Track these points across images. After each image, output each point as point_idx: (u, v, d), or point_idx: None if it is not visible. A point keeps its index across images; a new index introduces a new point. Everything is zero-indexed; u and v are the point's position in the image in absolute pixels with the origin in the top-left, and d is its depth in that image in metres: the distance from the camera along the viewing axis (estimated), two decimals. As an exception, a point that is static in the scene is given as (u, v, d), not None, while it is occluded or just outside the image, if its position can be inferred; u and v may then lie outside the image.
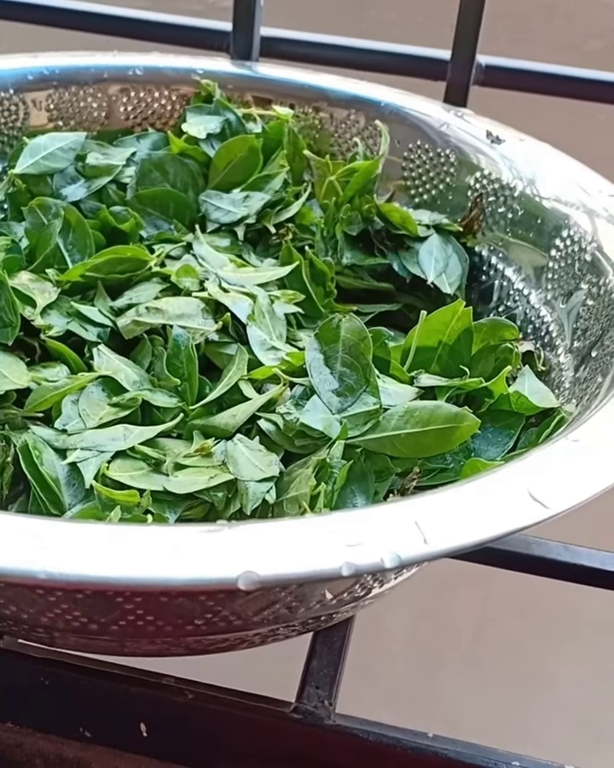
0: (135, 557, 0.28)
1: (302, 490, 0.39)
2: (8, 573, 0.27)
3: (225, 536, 0.30)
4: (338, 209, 0.58)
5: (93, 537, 0.29)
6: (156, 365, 0.48)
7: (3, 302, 0.47)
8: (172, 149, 0.61)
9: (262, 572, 0.28)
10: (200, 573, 0.28)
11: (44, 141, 0.59)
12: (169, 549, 0.29)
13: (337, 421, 0.42)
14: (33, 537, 0.28)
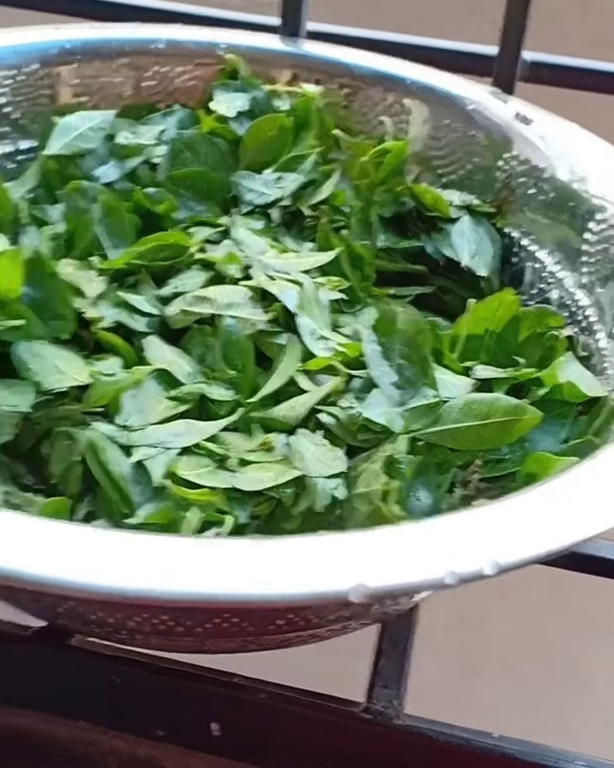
0: (246, 574, 0.28)
1: (372, 486, 0.40)
2: (146, 596, 0.27)
3: (330, 547, 0.30)
4: (371, 191, 0.58)
5: (200, 554, 0.29)
6: (207, 356, 0.48)
7: (56, 295, 0.46)
8: (202, 128, 0.59)
9: (372, 584, 0.28)
10: (310, 587, 0.28)
11: (74, 120, 0.57)
12: (278, 563, 0.29)
13: (398, 415, 0.42)
14: (164, 557, 0.28)
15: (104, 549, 0.28)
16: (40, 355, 0.45)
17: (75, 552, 0.28)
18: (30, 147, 0.61)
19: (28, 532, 0.29)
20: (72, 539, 0.29)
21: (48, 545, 0.28)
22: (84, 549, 0.28)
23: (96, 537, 0.30)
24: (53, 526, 0.30)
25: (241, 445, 0.44)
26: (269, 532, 0.42)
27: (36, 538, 0.29)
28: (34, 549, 0.28)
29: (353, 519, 0.40)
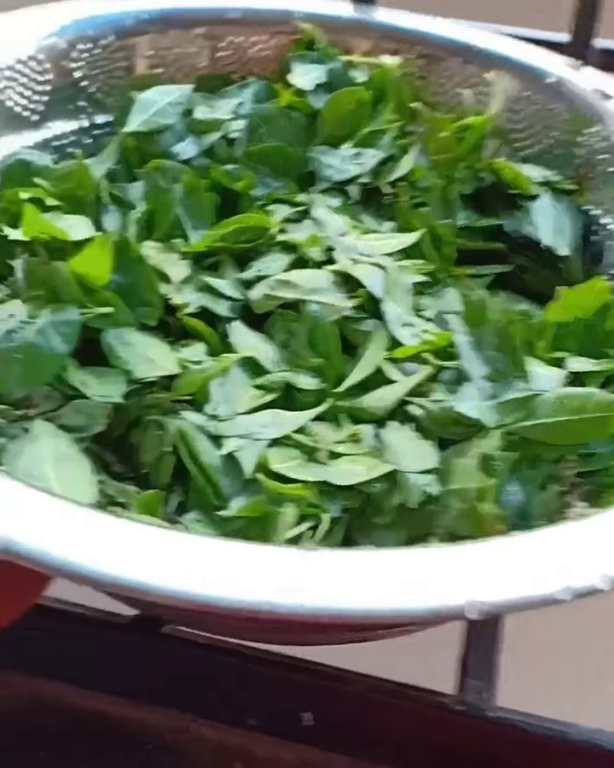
0: (367, 589, 0.28)
1: (467, 483, 0.39)
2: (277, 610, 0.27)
3: (442, 560, 0.30)
4: (451, 167, 0.57)
5: (317, 566, 0.29)
6: (291, 342, 0.48)
7: (143, 281, 0.46)
8: (280, 102, 0.58)
9: (487, 600, 0.28)
10: (426, 603, 0.28)
11: (153, 95, 0.56)
12: (395, 576, 0.29)
13: (491, 409, 0.42)
14: (294, 570, 0.28)
15: (240, 562, 0.28)
16: (129, 343, 0.45)
17: (218, 567, 0.28)
18: (105, 121, 0.60)
19: (162, 543, 0.30)
20: (209, 553, 0.29)
21: (183, 559, 0.28)
22: (225, 564, 0.28)
23: (232, 550, 0.30)
24: (187, 539, 0.30)
25: (329, 436, 0.44)
26: (361, 526, 0.42)
27: (171, 550, 0.29)
28: (174, 564, 0.28)
29: (446, 516, 0.40)
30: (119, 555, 0.30)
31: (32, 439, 0.41)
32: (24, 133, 0.56)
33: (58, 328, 0.43)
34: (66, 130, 0.59)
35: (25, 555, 0.31)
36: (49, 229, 0.44)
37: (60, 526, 0.32)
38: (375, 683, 0.40)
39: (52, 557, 0.31)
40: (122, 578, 0.30)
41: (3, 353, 0.42)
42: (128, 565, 0.30)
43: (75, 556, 0.31)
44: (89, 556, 0.31)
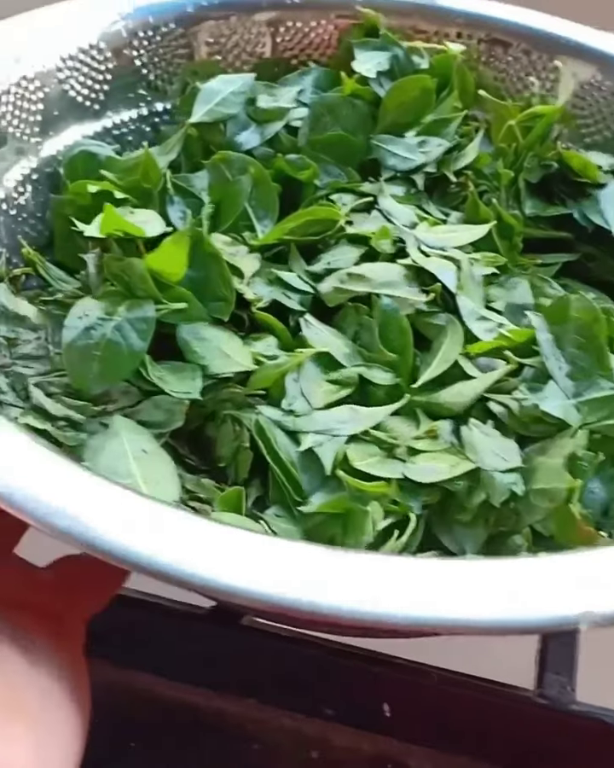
0: (482, 599, 0.28)
1: (552, 483, 0.39)
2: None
3: (551, 569, 0.29)
4: (518, 156, 0.56)
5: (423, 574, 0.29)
6: (363, 335, 0.47)
7: (217, 276, 0.46)
8: (344, 90, 0.57)
9: (600, 610, 0.28)
10: (541, 614, 0.28)
11: (216, 85, 0.56)
12: (504, 589, 0.29)
13: (574, 407, 0.41)
14: (411, 580, 0.28)
15: (359, 570, 0.28)
16: (203, 338, 0.45)
17: (331, 575, 0.28)
18: (164, 109, 0.60)
19: (262, 549, 0.29)
20: (327, 562, 0.29)
21: (303, 568, 0.28)
22: (345, 573, 0.28)
23: (348, 559, 0.29)
24: (302, 549, 0.30)
25: (406, 432, 0.43)
26: (441, 522, 0.41)
27: (293, 560, 0.29)
28: (299, 575, 0.28)
29: (532, 515, 0.39)
30: (220, 559, 0.30)
31: (112, 434, 0.41)
32: (85, 122, 0.56)
33: (135, 325, 0.43)
34: (125, 119, 0.58)
35: (111, 553, 0.30)
36: (125, 227, 0.44)
37: (149, 525, 0.31)
38: (453, 676, 0.40)
39: (140, 556, 0.30)
40: (220, 582, 0.30)
41: (82, 351, 0.42)
42: (230, 569, 0.30)
43: (165, 557, 0.30)
44: (186, 559, 0.30)
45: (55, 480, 0.31)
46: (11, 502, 0.30)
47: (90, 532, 0.29)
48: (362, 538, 0.39)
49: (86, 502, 0.31)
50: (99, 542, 0.29)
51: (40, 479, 0.31)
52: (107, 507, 0.32)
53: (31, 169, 0.52)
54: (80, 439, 0.41)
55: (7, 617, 0.32)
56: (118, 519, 0.31)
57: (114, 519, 0.31)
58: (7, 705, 0.30)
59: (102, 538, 0.30)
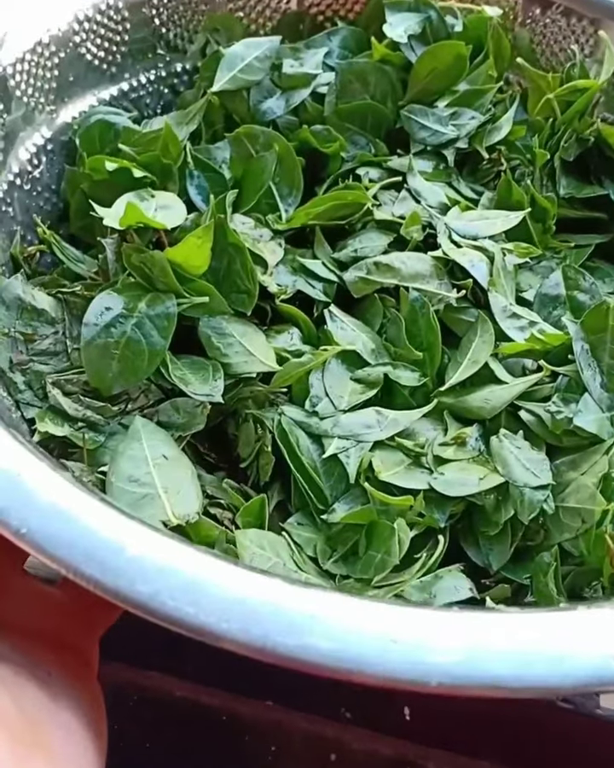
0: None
1: (584, 503, 0.38)
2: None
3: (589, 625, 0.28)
4: (555, 132, 0.53)
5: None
6: (389, 329, 0.45)
7: (240, 268, 0.43)
8: (374, 56, 0.54)
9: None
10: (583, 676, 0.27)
11: (240, 50, 0.52)
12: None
13: (608, 421, 0.40)
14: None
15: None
16: (225, 333, 0.43)
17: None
18: (184, 69, 0.56)
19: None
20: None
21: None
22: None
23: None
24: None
25: (431, 435, 0.42)
26: (469, 535, 0.41)
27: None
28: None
29: (561, 533, 0.39)
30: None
31: (132, 437, 0.39)
32: (101, 87, 0.53)
33: (155, 322, 0.41)
34: (143, 81, 0.55)
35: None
36: (146, 221, 0.41)
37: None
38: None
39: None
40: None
41: (101, 349, 0.40)
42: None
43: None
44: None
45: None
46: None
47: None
48: (386, 550, 0.38)
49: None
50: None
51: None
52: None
53: (45, 139, 0.49)
54: (99, 441, 0.40)
55: (23, 648, 0.32)
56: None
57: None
58: (27, 740, 0.29)
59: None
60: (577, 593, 0.38)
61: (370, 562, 0.38)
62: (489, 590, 0.39)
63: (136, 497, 0.37)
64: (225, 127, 0.53)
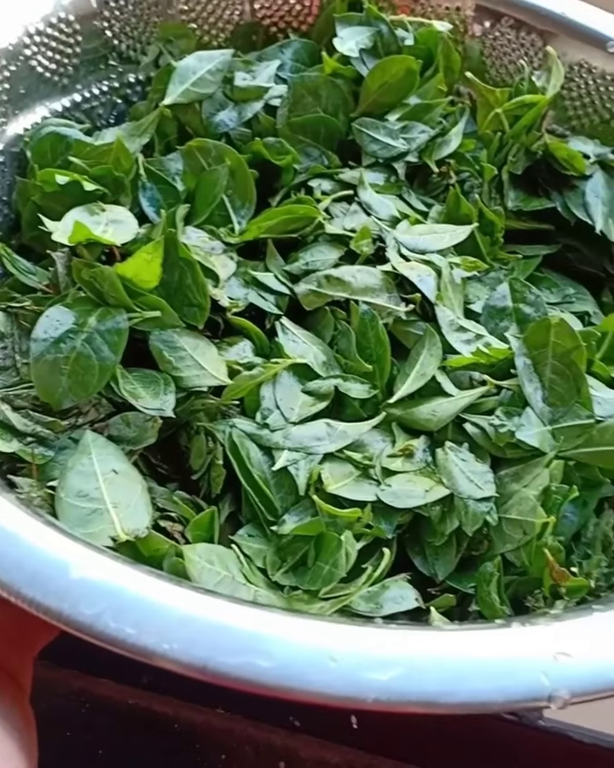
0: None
1: (526, 516, 0.39)
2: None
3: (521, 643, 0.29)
4: (503, 145, 0.53)
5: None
6: (340, 342, 0.46)
7: (192, 282, 0.43)
8: (325, 70, 0.54)
9: (572, 692, 0.28)
10: (515, 695, 0.28)
11: (192, 63, 0.52)
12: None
13: (550, 435, 0.41)
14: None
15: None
16: (177, 346, 0.43)
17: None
18: (136, 80, 0.56)
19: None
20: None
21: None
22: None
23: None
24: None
25: (380, 447, 0.42)
26: (414, 544, 0.41)
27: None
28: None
29: (503, 544, 0.39)
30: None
31: (81, 451, 0.40)
32: (53, 98, 0.52)
33: (106, 337, 0.41)
34: (95, 92, 0.55)
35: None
36: (95, 238, 0.41)
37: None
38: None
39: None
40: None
41: (51, 364, 0.40)
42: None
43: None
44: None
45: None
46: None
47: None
48: (334, 562, 0.38)
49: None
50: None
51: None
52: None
53: (-5, 151, 0.49)
54: (48, 456, 0.40)
55: None
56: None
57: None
58: None
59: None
60: (520, 601, 0.39)
61: (318, 573, 0.38)
62: (434, 599, 0.39)
63: (84, 512, 0.37)
64: (178, 138, 0.53)
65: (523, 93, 0.53)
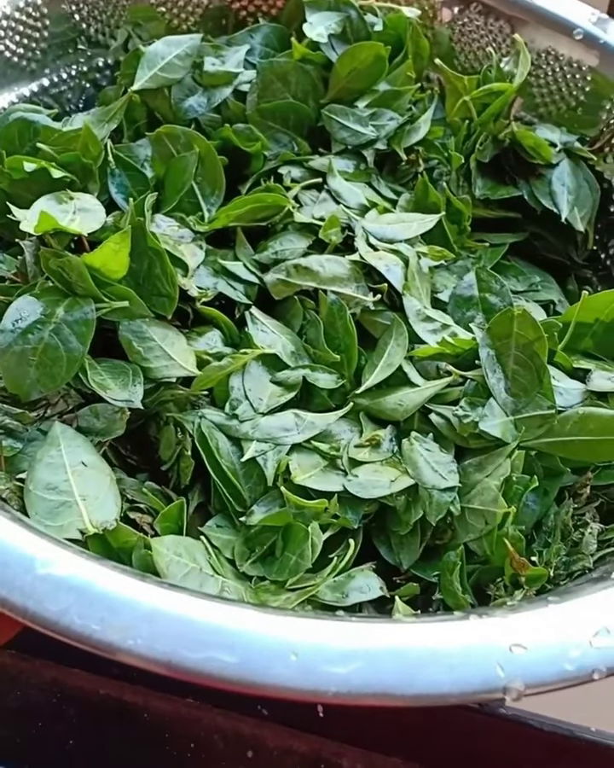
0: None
1: (487, 506, 0.39)
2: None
3: (482, 634, 0.30)
4: (471, 133, 0.53)
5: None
6: (309, 331, 0.46)
7: (160, 272, 0.43)
8: (294, 55, 0.54)
9: (527, 684, 0.28)
10: (470, 687, 0.28)
11: (160, 48, 0.51)
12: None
13: (512, 425, 0.41)
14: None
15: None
16: (145, 336, 0.43)
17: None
18: (105, 63, 0.56)
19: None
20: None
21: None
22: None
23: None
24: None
25: (348, 437, 0.43)
26: (379, 533, 0.42)
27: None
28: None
29: (466, 533, 0.39)
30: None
31: (50, 443, 0.39)
32: (21, 83, 0.52)
33: (73, 328, 0.41)
34: (64, 77, 0.54)
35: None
36: (62, 228, 0.41)
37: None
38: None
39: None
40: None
41: (18, 356, 0.40)
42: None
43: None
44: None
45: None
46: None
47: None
48: (300, 553, 0.38)
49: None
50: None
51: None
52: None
53: (-38, 137, 0.48)
54: (17, 448, 0.40)
55: None
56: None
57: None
58: None
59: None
60: (482, 590, 0.39)
61: (285, 564, 0.39)
62: (399, 588, 0.40)
63: (53, 504, 0.37)
64: (148, 123, 0.52)
65: (491, 80, 0.53)
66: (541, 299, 0.52)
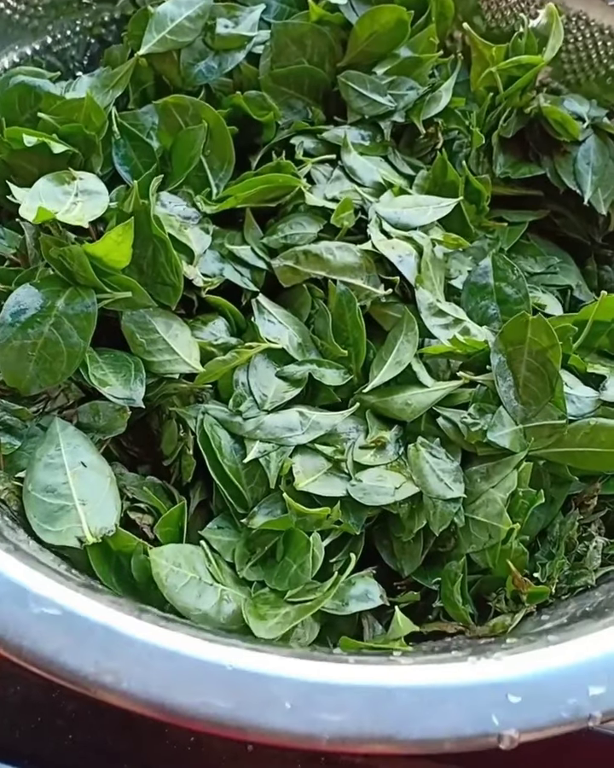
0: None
1: (492, 519, 0.38)
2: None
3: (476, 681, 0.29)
4: (495, 107, 0.50)
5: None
6: (317, 322, 0.44)
7: (164, 260, 0.41)
8: (310, 17, 0.50)
9: (522, 730, 0.28)
10: (464, 733, 0.28)
11: (170, 9, 0.48)
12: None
13: (521, 434, 0.39)
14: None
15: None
16: (149, 328, 0.41)
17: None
18: (111, 18, 0.52)
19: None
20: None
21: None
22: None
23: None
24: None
25: (353, 436, 0.41)
26: (384, 539, 0.41)
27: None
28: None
29: (469, 545, 0.38)
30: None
31: (50, 441, 0.38)
32: (23, 42, 0.48)
33: (74, 322, 0.39)
34: (68, 33, 0.50)
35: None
36: (61, 219, 0.39)
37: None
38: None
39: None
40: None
41: (18, 351, 0.38)
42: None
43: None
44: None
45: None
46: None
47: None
48: (301, 563, 0.37)
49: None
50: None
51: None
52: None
53: (-39, 102, 0.45)
54: (16, 445, 0.39)
55: None
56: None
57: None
58: None
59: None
60: (483, 599, 0.39)
61: (286, 571, 0.38)
62: (400, 593, 0.39)
63: (52, 508, 0.36)
64: (155, 86, 0.49)
65: (520, 49, 0.49)
66: (559, 284, 0.50)
